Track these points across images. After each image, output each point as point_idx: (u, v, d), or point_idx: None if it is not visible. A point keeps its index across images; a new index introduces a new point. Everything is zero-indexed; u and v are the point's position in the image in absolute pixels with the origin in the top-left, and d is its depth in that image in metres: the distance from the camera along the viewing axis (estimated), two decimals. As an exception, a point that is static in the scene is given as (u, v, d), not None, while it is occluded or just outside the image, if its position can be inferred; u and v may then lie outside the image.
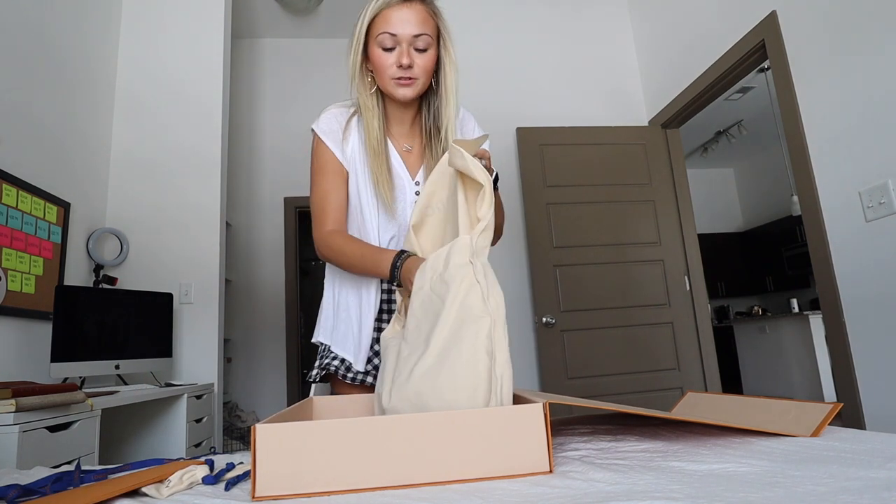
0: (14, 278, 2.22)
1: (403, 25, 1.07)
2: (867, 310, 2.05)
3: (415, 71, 1.09)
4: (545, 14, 3.64)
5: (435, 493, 0.68)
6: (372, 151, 1.14)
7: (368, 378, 1.19)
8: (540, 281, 3.12)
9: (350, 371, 1.20)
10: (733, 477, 0.66)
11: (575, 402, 0.87)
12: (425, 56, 1.10)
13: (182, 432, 2.49)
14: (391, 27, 1.07)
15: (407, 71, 1.09)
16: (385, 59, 1.09)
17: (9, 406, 1.46)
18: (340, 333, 1.22)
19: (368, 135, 1.15)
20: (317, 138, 1.21)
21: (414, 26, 1.07)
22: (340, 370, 1.19)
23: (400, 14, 1.07)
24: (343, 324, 1.22)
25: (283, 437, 0.71)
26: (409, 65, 1.08)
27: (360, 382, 1.20)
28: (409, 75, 1.09)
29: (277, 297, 4.21)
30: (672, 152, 3.42)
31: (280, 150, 4.38)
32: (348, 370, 1.20)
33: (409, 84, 1.11)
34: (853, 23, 2.07)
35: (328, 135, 1.19)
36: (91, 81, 2.93)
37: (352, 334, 1.20)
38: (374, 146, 1.14)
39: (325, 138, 1.19)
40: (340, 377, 1.19)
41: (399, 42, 1.08)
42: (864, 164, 2.04)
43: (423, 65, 1.10)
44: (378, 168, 1.13)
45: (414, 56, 1.09)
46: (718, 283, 7.28)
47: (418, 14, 1.08)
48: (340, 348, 1.21)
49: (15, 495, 0.72)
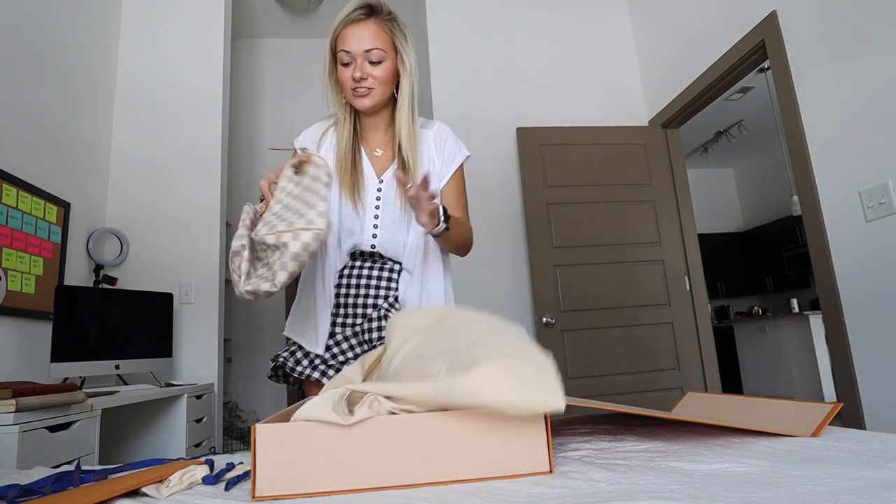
0: (14, 278, 2.22)
1: (356, 42, 1.18)
2: (867, 310, 2.05)
3: (369, 82, 1.20)
4: (545, 14, 3.64)
5: (435, 493, 0.68)
6: (339, 155, 1.26)
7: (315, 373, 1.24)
8: (540, 281, 3.12)
9: (299, 364, 1.25)
10: (733, 477, 0.66)
11: (575, 402, 0.87)
12: (380, 67, 1.20)
13: (182, 432, 2.49)
14: (346, 45, 1.19)
15: (361, 83, 1.20)
16: (344, 74, 1.21)
17: (9, 406, 1.46)
18: (298, 323, 1.30)
19: (339, 142, 1.27)
20: (295, 150, 1.29)
21: (365, 42, 1.18)
22: (289, 362, 1.26)
23: (353, 32, 1.19)
24: (300, 314, 1.31)
25: (283, 437, 0.71)
26: (362, 77, 1.19)
27: (307, 377, 1.25)
28: (364, 86, 1.20)
29: (277, 296, 4.21)
30: (672, 152, 3.42)
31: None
32: (297, 363, 1.25)
33: (366, 95, 1.21)
34: (853, 23, 2.07)
35: (303, 144, 1.30)
36: (91, 81, 2.93)
37: (311, 321, 1.28)
38: (341, 151, 1.26)
39: (299, 147, 1.28)
40: (289, 370, 1.25)
41: (354, 57, 1.19)
42: (864, 164, 2.04)
43: (378, 76, 1.20)
44: (341, 169, 1.25)
45: (368, 69, 1.19)
46: (718, 283, 7.28)
47: (369, 30, 1.19)
48: (299, 336, 1.28)
49: (15, 495, 0.72)
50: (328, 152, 1.28)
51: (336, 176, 1.24)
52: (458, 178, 1.33)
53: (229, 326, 4.04)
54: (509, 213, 3.32)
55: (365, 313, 1.26)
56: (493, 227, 3.24)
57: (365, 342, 1.25)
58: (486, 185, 3.30)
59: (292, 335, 1.30)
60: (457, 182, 1.33)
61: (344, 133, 1.26)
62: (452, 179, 1.32)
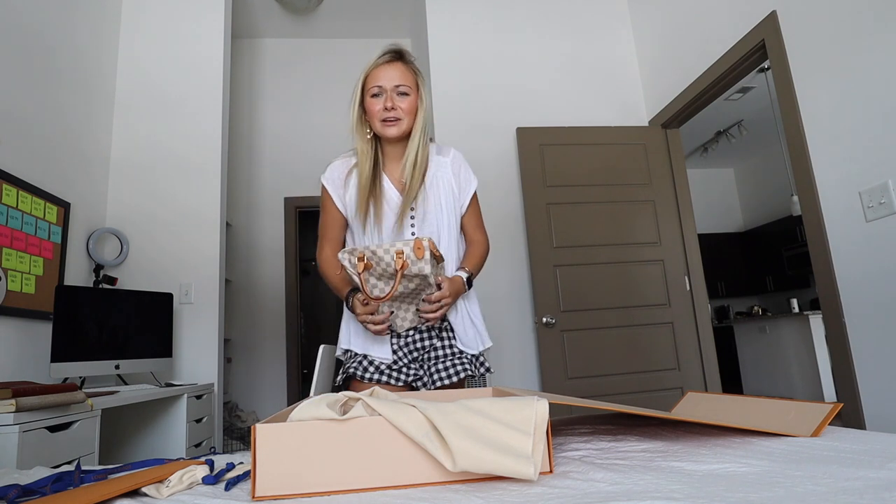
0: (14, 278, 2.22)
1: (387, 79, 1.40)
2: (867, 310, 2.05)
3: (397, 112, 1.40)
4: (546, 14, 3.64)
5: (435, 493, 0.68)
6: (361, 188, 1.43)
7: (382, 377, 1.41)
8: (540, 281, 3.12)
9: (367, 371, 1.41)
10: (733, 477, 0.66)
11: (575, 402, 0.87)
12: (406, 100, 1.41)
13: (182, 432, 2.49)
14: (378, 80, 1.40)
15: (391, 112, 1.39)
16: (375, 105, 1.40)
17: (9, 406, 1.46)
18: (360, 332, 1.45)
19: (360, 175, 1.44)
20: (322, 185, 1.50)
21: (395, 78, 1.40)
22: (359, 371, 1.42)
23: (384, 70, 1.41)
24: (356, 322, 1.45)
25: (283, 437, 0.71)
26: (392, 107, 1.39)
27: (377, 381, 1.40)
28: (394, 116, 1.40)
29: (277, 297, 4.21)
30: (672, 152, 3.42)
31: (280, 150, 4.38)
32: (366, 371, 1.41)
33: (394, 124, 1.40)
34: (853, 23, 2.07)
35: (330, 182, 1.49)
36: (91, 81, 2.93)
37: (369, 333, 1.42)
38: (364, 184, 1.42)
39: (327, 185, 1.49)
40: (359, 378, 1.42)
41: (384, 91, 1.40)
42: (864, 164, 2.04)
43: (404, 107, 1.40)
44: (361, 199, 1.42)
45: (396, 100, 1.40)
46: (718, 283, 7.28)
47: (398, 69, 1.41)
48: (361, 348, 1.45)
49: (15, 495, 0.72)
50: (353, 189, 1.46)
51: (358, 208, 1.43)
52: (475, 204, 1.57)
53: (229, 326, 4.04)
54: (509, 213, 3.32)
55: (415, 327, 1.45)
56: (493, 227, 3.22)
57: (417, 350, 1.46)
58: (486, 186, 3.29)
59: (356, 349, 1.45)
60: (474, 208, 1.57)
61: (366, 167, 1.43)
62: (471, 206, 1.56)
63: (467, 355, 1.45)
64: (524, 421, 0.74)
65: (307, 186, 4.27)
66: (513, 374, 3.09)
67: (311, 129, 4.38)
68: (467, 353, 1.46)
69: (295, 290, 4.23)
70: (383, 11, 4.27)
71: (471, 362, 1.45)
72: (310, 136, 4.37)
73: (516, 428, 0.73)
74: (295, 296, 4.22)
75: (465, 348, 1.46)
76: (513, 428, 0.73)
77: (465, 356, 1.45)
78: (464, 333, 1.47)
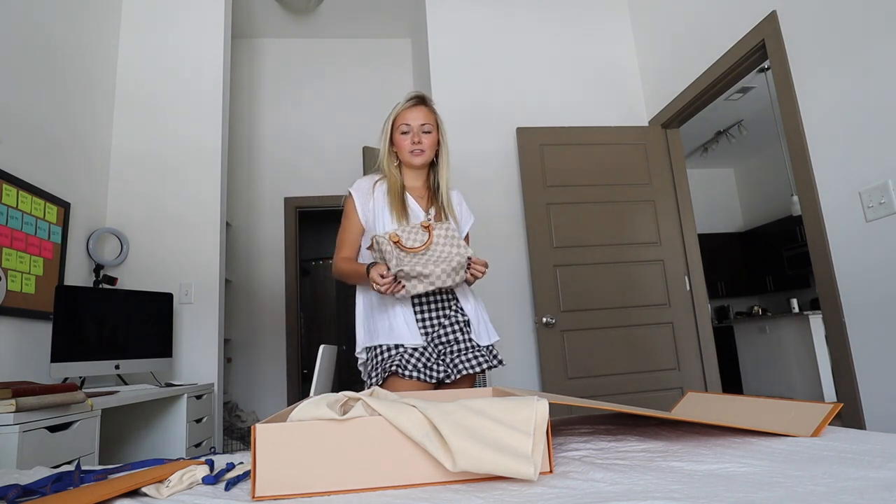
0: (14, 278, 2.22)
1: (413, 119, 1.71)
2: (867, 310, 2.05)
3: (423, 145, 1.71)
4: (546, 14, 3.64)
5: (435, 493, 0.68)
6: (392, 198, 1.70)
7: (421, 375, 1.52)
8: (540, 281, 3.12)
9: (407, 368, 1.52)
10: (733, 477, 0.66)
11: (575, 402, 0.87)
12: (430, 136, 1.72)
13: (182, 432, 2.49)
14: (407, 120, 1.72)
15: (417, 145, 1.70)
16: (404, 140, 1.72)
17: (9, 406, 1.46)
18: (386, 328, 1.60)
19: (391, 189, 1.72)
20: (350, 194, 1.75)
21: (420, 119, 1.71)
22: (400, 367, 1.51)
23: (411, 112, 1.72)
24: (379, 318, 1.63)
25: (283, 437, 0.71)
26: (419, 141, 1.70)
27: (416, 378, 1.51)
28: (420, 148, 1.71)
29: (277, 297, 4.20)
30: (672, 152, 3.42)
31: (280, 150, 4.38)
32: (406, 365, 1.52)
33: (420, 154, 1.71)
34: (853, 23, 2.07)
35: (358, 190, 1.74)
36: (91, 82, 2.93)
37: (395, 320, 1.60)
38: (395, 190, 1.71)
39: (354, 193, 1.74)
40: (400, 375, 1.51)
41: (412, 129, 1.71)
42: (864, 164, 2.04)
43: (428, 142, 1.72)
44: (393, 202, 1.70)
45: (422, 137, 1.71)
46: (718, 283, 7.27)
47: (422, 111, 1.73)
48: (387, 338, 1.59)
49: (15, 495, 0.72)
50: (379, 196, 1.72)
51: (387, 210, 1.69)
52: (468, 238, 1.83)
53: (229, 326, 4.04)
54: (509, 213, 3.32)
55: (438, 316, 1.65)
56: (493, 227, 3.24)
57: (442, 344, 1.63)
58: (486, 186, 3.30)
59: (385, 341, 1.59)
60: (467, 241, 1.82)
61: (396, 185, 1.72)
62: (466, 239, 1.80)
63: (483, 347, 1.66)
64: (524, 421, 0.74)
65: (307, 186, 4.27)
66: (513, 374, 3.09)
67: (310, 129, 4.38)
68: (482, 346, 1.66)
69: (295, 290, 4.23)
70: (383, 11, 4.27)
71: (487, 354, 1.65)
72: (310, 136, 4.37)
73: (516, 428, 0.73)
74: (295, 296, 4.22)
75: (479, 341, 1.66)
76: (513, 428, 0.73)
77: (482, 349, 1.65)
78: (477, 327, 1.69)
